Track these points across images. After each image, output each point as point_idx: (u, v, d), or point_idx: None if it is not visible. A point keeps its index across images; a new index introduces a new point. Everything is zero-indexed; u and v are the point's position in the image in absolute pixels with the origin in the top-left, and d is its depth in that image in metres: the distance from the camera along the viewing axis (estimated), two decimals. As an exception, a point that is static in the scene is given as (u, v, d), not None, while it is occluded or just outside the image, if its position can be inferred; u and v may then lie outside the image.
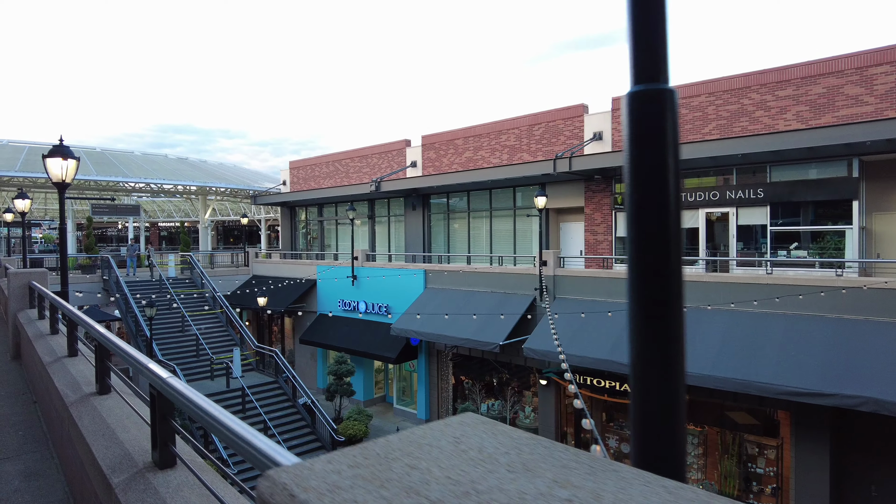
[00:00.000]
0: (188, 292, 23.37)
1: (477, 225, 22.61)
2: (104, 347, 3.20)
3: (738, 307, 13.04)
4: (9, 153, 27.36)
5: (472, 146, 22.43)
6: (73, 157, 7.91)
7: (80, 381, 3.68)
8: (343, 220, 28.40)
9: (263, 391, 18.45)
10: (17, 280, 7.37)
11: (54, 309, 5.33)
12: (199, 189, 30.40)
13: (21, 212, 14.78)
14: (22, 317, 6.98)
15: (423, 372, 19.92)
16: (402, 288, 20.37)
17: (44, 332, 5.59)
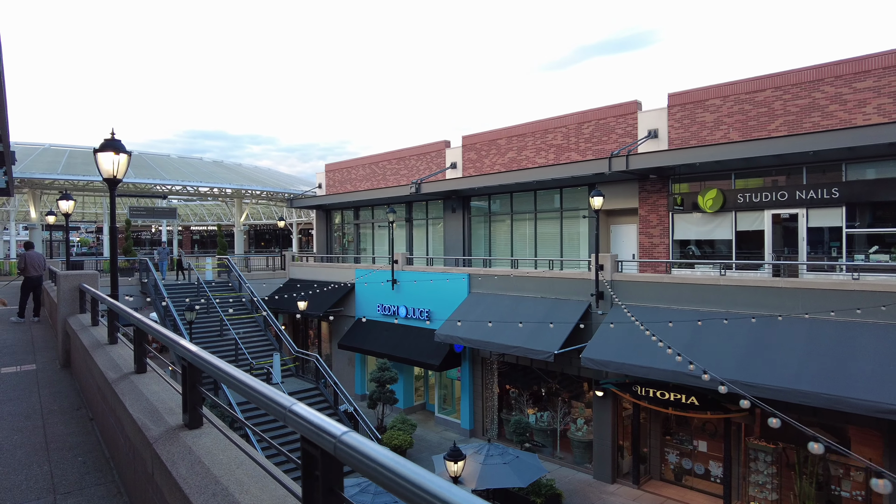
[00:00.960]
0: (226, 296, 23.04)
1: (520, 227, 21.83)
2: (196, 368, 2.54)
3: (818, 315, 12.01)
4: (50, 157, 27.52)
5: (515, 146, 21.67)
6: (125, 151, 7.40)
7: (160, 408, 3.03)
8: (380, 223, 27.90)
9: (304, 398, 17.92)
10: (67, 283, 6.87)
11: (113, 315, 4.75)
12: (234, 192, 30.21)
13: (64, 213, 14.50)
14: (73, 322, 6.45)
15: (467, 380, 19.18)
16: (443, 292, 19.68)
17: (101, 340, 5.01)
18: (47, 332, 10.17)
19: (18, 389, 5.93)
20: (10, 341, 9.15)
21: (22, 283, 11.88)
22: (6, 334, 9.94)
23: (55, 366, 7.05)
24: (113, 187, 7.45)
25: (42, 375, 6.52)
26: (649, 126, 17.86)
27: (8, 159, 13.42)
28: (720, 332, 12.73)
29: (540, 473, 11.86)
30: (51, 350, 8.19)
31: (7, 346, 8.67)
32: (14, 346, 8.74)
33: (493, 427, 18.94)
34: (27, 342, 9.06)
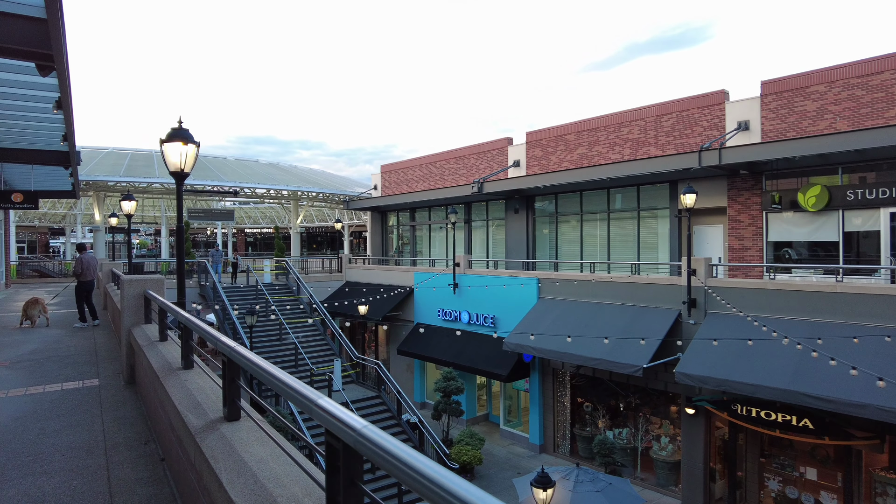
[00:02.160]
0: (284, 299, 22.57)
1: (590, 228, 20.48)
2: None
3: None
4: (113, 160, 27.85)
5: (586, 141, 20.35)
6: (193, 141, 6.63)
7: (280, 498, 2.07)
8: (436, 225, 27.00)
9: (366, 406, 17.13)
10: (132, 289, 6.12)
11: (188, 332, 3.87)
12: (291, 193, 29.91)
13: (127, 214, 14.15)
14: (138, 334, 5.68)
15: (537, 392, 17.97)
16: (510, 298, 18.55)
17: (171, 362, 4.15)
18: (110, 338, 9.60)
19: (80, 412, 5.18)
20: (74, 349, 8.58)
21: (76, 287, 11.40)
22: (70, 340, 9.42)
23: (119, 381, 6.32)
24: (180, 182, 6.68)
25: (105, 394, 5.77)
26: (739, 117, 16.28)
27: (73, 159, 13.09)
28: (837, 348, 11.13)
29: (636, 503, 10.58)
30: (114, 361, 7.51)
31: (71, 356, 8.07)
32: (78, 354, 8.14)
33: (565, 443, 17.67)
34: (90, 350, 8.46)
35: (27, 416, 5.06)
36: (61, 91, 8.00)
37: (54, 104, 8.65)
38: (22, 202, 12.87)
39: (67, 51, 6.19)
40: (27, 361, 7.74)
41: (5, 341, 9.48)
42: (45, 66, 6.36)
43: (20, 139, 12.05)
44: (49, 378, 6.63)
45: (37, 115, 9.93)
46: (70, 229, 51.87)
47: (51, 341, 9.38)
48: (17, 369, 7.24)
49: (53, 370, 7.10)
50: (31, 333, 10.45)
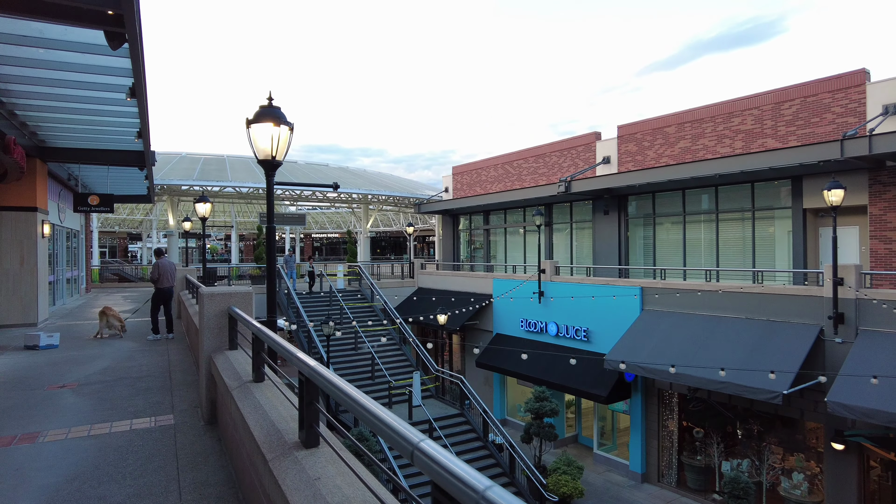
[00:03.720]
0: (357, 305, 21.55)
1: (693, 230, 18.36)
2: None
3: None
4: (187, 164, 27.84)
5: (689, 134, 18.27)
6: (285, 122, 5.37)
7: None
8: (513, 229, 25.40)
9: (449, 425, 15.72)
10: (213, 305, 4.90)
11: (313, 388, 2.45)
12: (361, 197, 29.08)
13: (201, 217, 13.33)
14: (223, 365, 4.42)
15: (639, 414, 16.04)
16: (607, 308, 16.72)
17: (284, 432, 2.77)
18: (184, 355, 8.57)
19: (152, 469, 3.96)
20: (147, 369, 7.55)
21: (153, 294, 10.50)
22: (143, 357, 8.45)
23: (196, 419, 5.12)
24: (270, 172, 5.44)
25: (182, 440, 4.55)
26: (886, 100, 13.88)
27: (148, 159, 12.35)
28: None
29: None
30: (190, 389, 6.37)
31: (143, 377, 7.02)
32: (150, 376, 7.08)
33: (671, 472, 15.66)
34: (163, 371, 7.39)
35: (86, 475, 3.88)
36: (134, 71, 6.99)
37: (127, 92, 7.69)
38: (98, 205, 12.27)
39: (140, 11, 5.07)
40: (96, 383, 6.74)
41: (78, 356, 8.62)
42: (115, 32, 5.27)
43: (95, 138, 11.37)
44: (117, 410, 5.52)
45: (111, 107, 9.07)
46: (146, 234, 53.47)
47: (122, 357, 8.44)
48: (85, 394, 6.21)
49: (123, 397, 6.02)
50: (104, 346, 9.62)
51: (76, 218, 19.25)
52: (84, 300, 18.56)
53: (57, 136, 11.24)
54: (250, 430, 2.84)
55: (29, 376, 7.20)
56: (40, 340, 9.10)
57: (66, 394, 6.26)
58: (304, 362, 2.36)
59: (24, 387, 6.62)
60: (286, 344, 2.74)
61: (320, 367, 2.29)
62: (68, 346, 9.59)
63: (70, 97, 8.52)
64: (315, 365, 2.30)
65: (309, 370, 2.27)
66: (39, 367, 7.82)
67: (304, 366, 2.35)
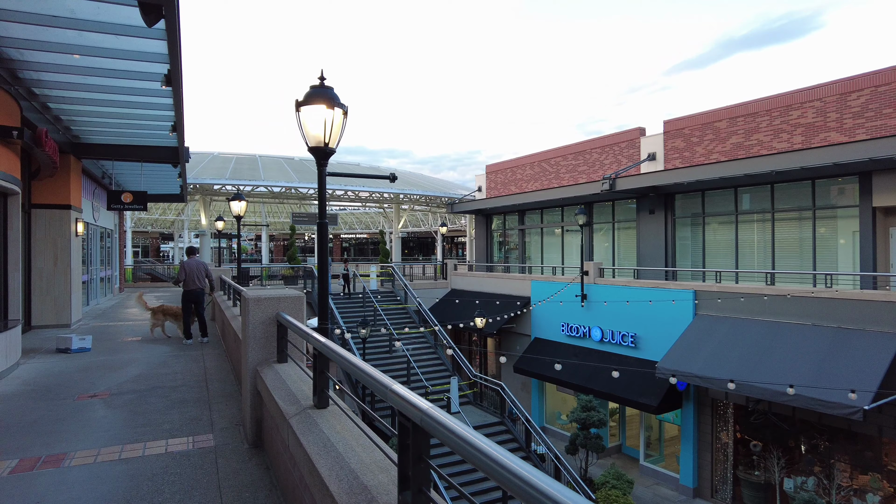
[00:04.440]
0: (391, 307, 20.99)
1: (746, 231, 17.32)
2: None
3: None
4: (219, 163, 27.69)
5: (742, 128, 17.25)
6: (339, 104, 4.74)
7: None
8: (550, 229, 24.56)
9: (491, 434, 14.99)
10: (259, 311, 4.29)
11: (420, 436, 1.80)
12: (393, 196, 28.56)
13: (236, 215, 12.90)
14: (270, 379, 3.81)
15: (691, 425, 15.11)
16: (656, 313, 15.84)
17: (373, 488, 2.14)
18: (221, 361, 8.04)
19: (193, 502, 3.33)
20: (182, 377, 7.02)
21: (182, 295, 9.93)
22: (177, 363, 7.94)
23: (239, 439, 4.52)
24: (322, 161, 4.82)
25: (225, 466, 3.96)
26: (970, 88, 12.74)
27: (182, 155, 11.94)
28: None
29: None
30: (229, 401, 5.80)
31: (178, 387, 6.49)
32: (186, 385, 6.55)
33: (725, 488, 14.71)
34: (199, 379, 6.86)
35: (116, 511, 3.28)
36: (170, 54, 6.48)
37: (162, 79, 7.19)
38: (131, 202, 11.90)
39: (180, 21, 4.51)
40: (129, 393, 6.23)
41: (110, 361, 8.17)
42: (151, 4, 4.71)
43: (129, 133, 10.98)
44: (152, 427, 4.96)
45: (145, 99, 8.62)
46: (178, 234, 53.93)
47: (156, 363, 7.95)
48: (116, 406, 5.69)
49: (157, 411, 5.47)
50: (136, 350, 9.17)
51: (110, 217, 19.09)
52: (117, 300, 18.37)
53: (91, 132, 10.88)
54: (321, 477, 2.19)
55: (59, 384, 6.73)
56: (72, 343, 8.69)
57: (96, 405, 5.75)
58: (414, 404, 1.75)
59: (53, 396, 6.14)
60: (373, 371, 2.10)
61: (442, 414, 1.66)
62: (101, 349, 9.17)
63: (103, 87, 8.08)
64: (428, 408, 1.67)
65: (422, 416, 1.64)
66: (70, 372, 7.37)
67: (411, 409, 1.74)
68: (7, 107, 7.38)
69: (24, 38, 6.50)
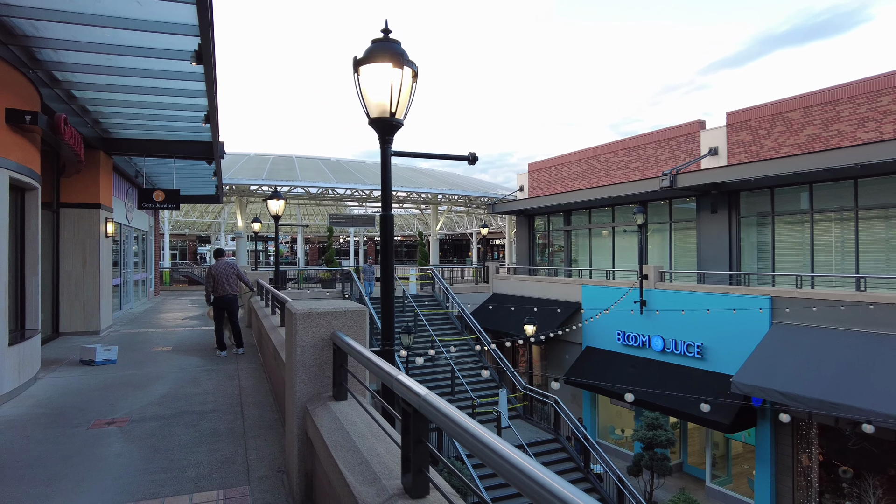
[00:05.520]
0: (431, 312, 19.99)
1: (823, 231, 15.74)
2: None
3: None
4: (255, 164, 27.18)
5: (818, 118, 15.69)
6: (407, 62, 3.69)
7: None
8: (598, 229, 23.19)
9: (544, 452, 13.84)
10: (310, 330, 3.26)
11: None
12: (432, 196, 27.58)
13: (274, 215, 12.08)
14: (329, 431, 2.76)
15: (768, 446, 13.64)
16: (725, 321, 14.42)
17: None
18: (257, 379, 7.09)
19: None
20: (213, 398, 6.09)
21: (213, 302, 8.91)
22: (208, 380, 7.02)
23: (282, 492, 3.49)
24: (387, 136, 3.78)
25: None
26: None
27: (216, 150, 11.12)
28: None
29: None
30: (269, 434, 4.81)
31: (208, 412, 5.54)
32: (217, 411, 5.60)
33: (809, 517, 13.19)
34: (233, 403, 5.90)
35: None
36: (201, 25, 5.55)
37: (193, 55, 6.28)
38: (163, 201, 11.15)
39: None
40: (151, 420, 5.30)
41: (136, 377, 7.31)
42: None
43: (159, 125, 10.19)
44: (174, 471, 3.99)
45: (174, 83, 7.76)
46: (214, 237, 54.11)
47: (185, 380, 7.04)
48: (135, 438, 4.76)
49: (182, 447, 4.51)
50: (166, 362, 8.33)
51: (145, 218, 18.58)
52: (152, 304, 17.81)
53: (120, 124, 10.15)
54: None
55: (74, 405, 5.87)
56: (96, 355, 7.89)
57: (112, 436, 4.83)
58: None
59: (65, 422, 5.26)
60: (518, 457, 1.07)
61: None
62: (127, 360, 8.35)
63: (130, 70, 7.26)
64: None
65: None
66: (90, 390, 6.52)
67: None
68: (21, 89, 6.58)
69: (38, 8, 5.68)
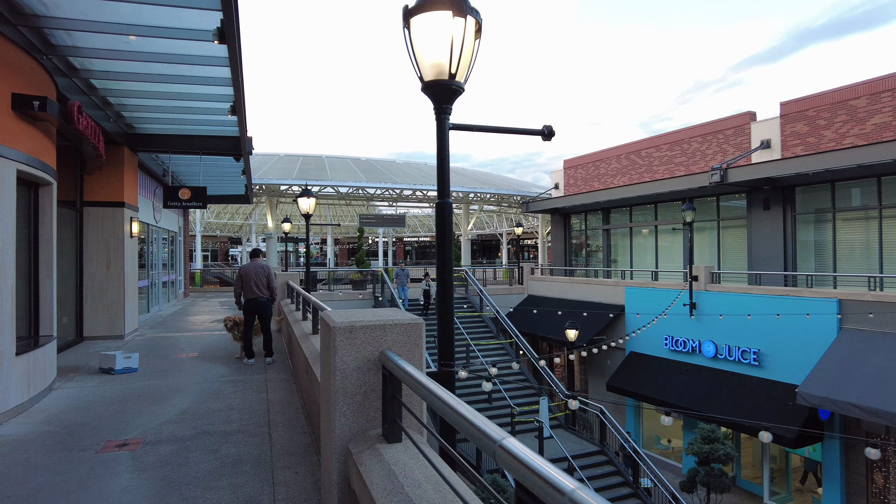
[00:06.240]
0: (465, 315, 19.23)
1: (892, 228, 14.49)
2: None
3: None
4: (285, 164, 26.86)
5: (888, 106, 14.46)
6: (471, 11, 2.94)
7: None
8: (640, 228, 22.13)
9: (589, 465, 12.94)
10: (352, 349, 2.52)
11: None
12: (464, 195, 26.85)
13: (304, 213, 11.50)
14: (378, 484, 2.04)
15: (837, 462, 12.51)
16: (785, 325, 13.33)
17: None
18: (287, 392, 6.43)
19: None
20: (238, 416, 5.44)
21: (244, 305, 8.28)
22: (234, 392, 6.39)
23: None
24: (445, 104, 3.03)
25: None
26: None
27: (244, 145, 10.55)
28: None
29: None
30: (302, 463, 4.13)
31: (232, 433, 4.89)
32: (242, 431, 4.95)
33: (887, 543, 12.02)
34: (260, 422, 5.24)
35: None
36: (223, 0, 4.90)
37: (215, 32, 5.65)
38: (189, 199, 10.66)
39: None
40: (167, 442, 4.67)
41: (156, 388, 6.73)
42: None
43: (184, 119, 9.67)
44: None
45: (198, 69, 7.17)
46: (245, 238, 54.30)
47: (208, 392, 6.42)
48: (147, 467, 4.12)
49: (200, 480, 3.85)
50: (190, 371, 7.75)
51: (174, 219, 18.27)
52: (181, 306, 17.47)
53: (143, 118, 9.68)
54: None
55: (86, 422, 5.28)
56: (116, 363, 7.35)
57: (122, 463, 4.20)
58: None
59: (73, 444, 4.67)
60: None
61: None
62: (149, 368, 7.80)
63: (150, 55, 6.69)
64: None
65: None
66: (105, 404, 5.95)
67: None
68: (32, 75, 6.03)
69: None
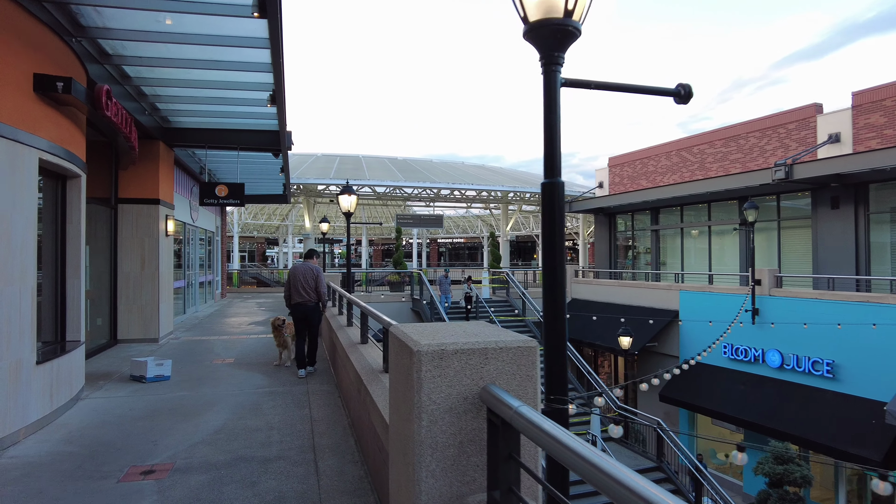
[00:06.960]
0: (506, 319, 18.45)
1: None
2: None
3: None
4: (323, 163, 26.57)
5: (980, 94, 13.11)
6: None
7: None
8: (692, 228, 20.94)
9: (645, 485, 11.98)
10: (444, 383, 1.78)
11: None
12: (503, 195, 26.03)
13: (345, 212, 10.95)
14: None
15: (928, 488, 11.26)
16: (863, 334, 12.14)
17: None
18: (334, 409, 5.77)
19: None
20: (278, 438, 4.79)
21: (290, 310, 7.57)
22: (273, 408, 5.76)
23: None
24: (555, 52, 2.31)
25: None
26: None
27: (283, 140, 10.03)
28: None
29: None
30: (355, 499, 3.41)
31: (272, 459, 4.23)
32: (284, 458, 4.29)
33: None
34: (304, 448, 4.58)
35: None
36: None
37: (254, 3, 5.05)
38: (226, 196, 10.21)
39: None
40: (197, 469, 4.05)
41: (188, 400, 6.17)
42: None
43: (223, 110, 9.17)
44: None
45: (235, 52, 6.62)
46: (282, 239, 54.55)
47: (246, 407, 5.81)
48: (173, 502, 3.48)
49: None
50: (226, 379, 7.20)
51: (211, 219, 17.99)
52: (217, 307, 17.15)
53: (179, 111, 9.23)
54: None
55: (110, 441, 4.72)
56: (147, 370, 6.84)
57: (145, 497, 3.59)
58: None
59: (93, 469, 4.09)
60: None
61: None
62: (182, 376, 7.28)
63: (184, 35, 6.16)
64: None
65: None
66: (133, 418, 5.40)
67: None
68: (57, 55, 5.49)
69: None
